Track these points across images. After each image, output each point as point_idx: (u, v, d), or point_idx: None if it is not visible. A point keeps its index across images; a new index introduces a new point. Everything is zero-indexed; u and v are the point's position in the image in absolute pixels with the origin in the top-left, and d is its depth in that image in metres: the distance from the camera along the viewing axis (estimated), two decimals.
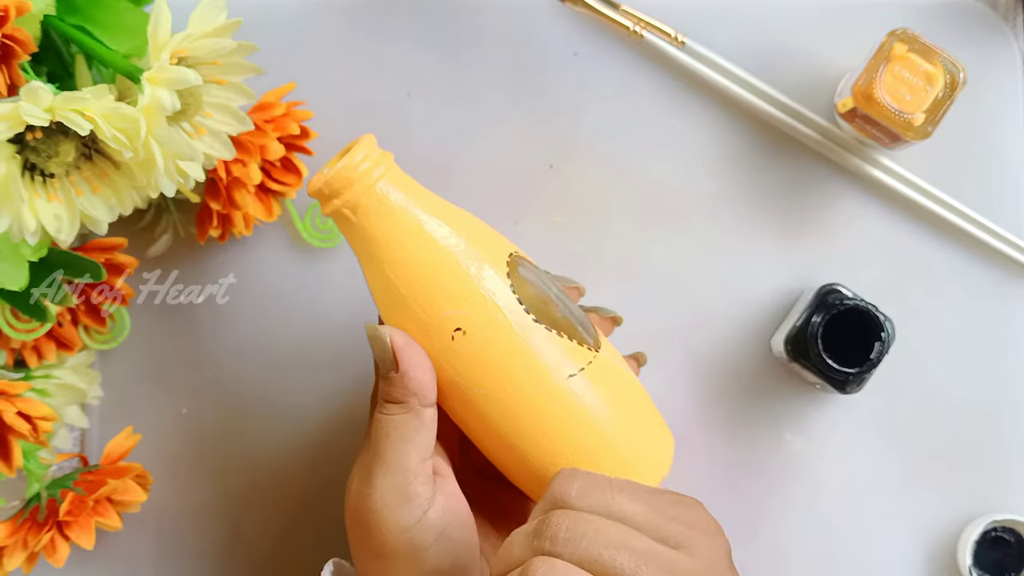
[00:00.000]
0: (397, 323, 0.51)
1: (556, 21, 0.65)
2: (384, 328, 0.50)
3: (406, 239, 0.50)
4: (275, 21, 0.65)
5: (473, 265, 0.50)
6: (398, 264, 0.50)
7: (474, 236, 0.51)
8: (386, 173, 0.50)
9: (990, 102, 0.65)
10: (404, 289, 0.50)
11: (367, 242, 0.50)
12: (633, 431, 0.53)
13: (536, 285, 0.52)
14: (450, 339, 0.50)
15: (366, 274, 0.52)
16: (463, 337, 0.50)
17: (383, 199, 0.50)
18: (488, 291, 0.50)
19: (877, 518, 0.65)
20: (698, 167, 0.65)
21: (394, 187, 0.50)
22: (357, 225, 0.50)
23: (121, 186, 0.51)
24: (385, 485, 0.49)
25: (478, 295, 0.50)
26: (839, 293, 0.61)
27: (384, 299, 0.51)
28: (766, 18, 0.65)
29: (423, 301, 0.50)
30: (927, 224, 0.65)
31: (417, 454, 0.50)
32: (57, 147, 0.49)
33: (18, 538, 0.57)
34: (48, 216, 0.50)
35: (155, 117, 0.49)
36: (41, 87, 0.47)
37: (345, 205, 0.50)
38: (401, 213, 0.50)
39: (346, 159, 0.50)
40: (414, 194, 0.51)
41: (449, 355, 0.50)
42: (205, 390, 0.65)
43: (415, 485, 0.49)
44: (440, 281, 0.50)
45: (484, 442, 0.53)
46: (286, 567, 0.65)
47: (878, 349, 0.60)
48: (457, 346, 0.50)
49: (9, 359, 0.60)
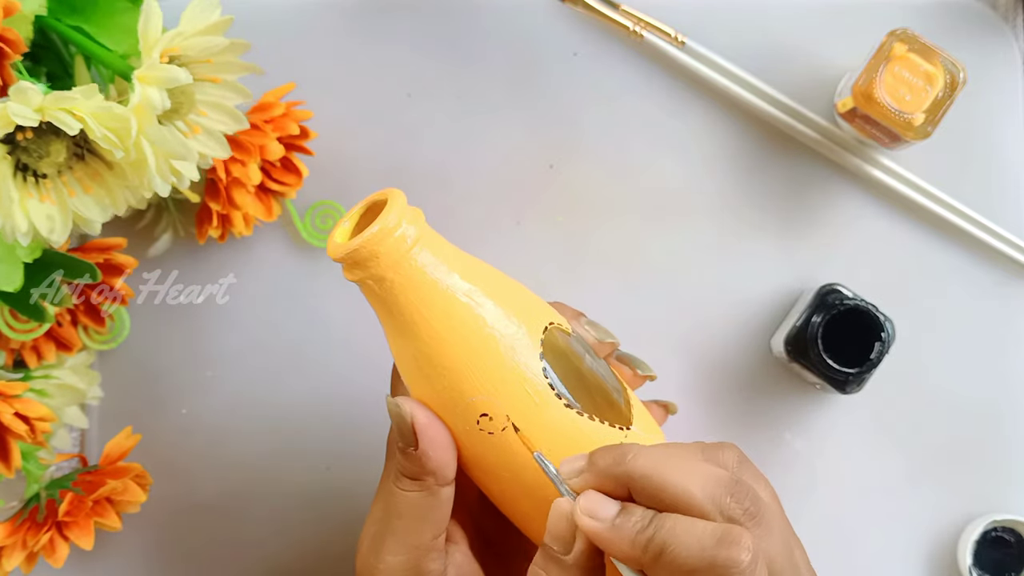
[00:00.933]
0: (421, 397, 0.48)
1: (556, 21, 0.65)
2: (405, 403, 0.48)
3: (434, 319, 0.46)
4: (275, 21, 0.65)
5: (505, 347, 0.47)
6: (424, 343, 0.47)
7: (510, 307, 0.48)
8: (417, 241, 0.46)
9: (990, 102, 0.65)
10: (429, 368, 0.47)
11: (393, 316, 0.47)
12: None
13: (571, 361, 0.49)
14: (475, 423, 0.47)
15: (389, 342, 0.48)
16: (489, 423, 0.46)
17: (412, 275, 0.46)
18: (520, 376, 0.46)
19: (877, 518, 0.65)
20: (698, 167, 0.65)
21: (426, 258, 0.47)
22: (383, 298, 0.47)
23: (114, 186, 0.51)
24: (396, 563, 0.48)
25: (509, 380, 0.46)
26: (839, 293, 0.61)
27: (408, 372, 0.48)
28: (766, 18, 0.65)
29: (449, 383, 0.46)
30: (927, 224, 0.65)
31: (431, 531, 0.49)
32: (48, 147, 0.49)
33: (17, 538, 0.57)
34: (40, 217, 0.50)
35: (146, 116, 0.48)
36: (30, 87, 0.47)
37: (370, 278, 0.46)
38: (430, 289, 0.46)
39: (376, 226, 0.46)
40: (445, 264, 0.47)
41: (474, 438, 0.47)
42: (205, 390, 0.65)
43: (426, 562, 0.48)
44: (468, 365, 0.46)
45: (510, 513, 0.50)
46: (286, 567, 0.65)
47: (878, 349, 0.60)
48: (483, 431, 0.47)
49: (9, 359, 0.60)
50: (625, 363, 0.55)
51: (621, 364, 0.55)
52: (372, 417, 0.64)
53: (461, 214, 0.65)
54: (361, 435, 0.65)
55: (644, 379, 0.55)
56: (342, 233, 0.48)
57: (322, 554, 0.65)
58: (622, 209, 0.65)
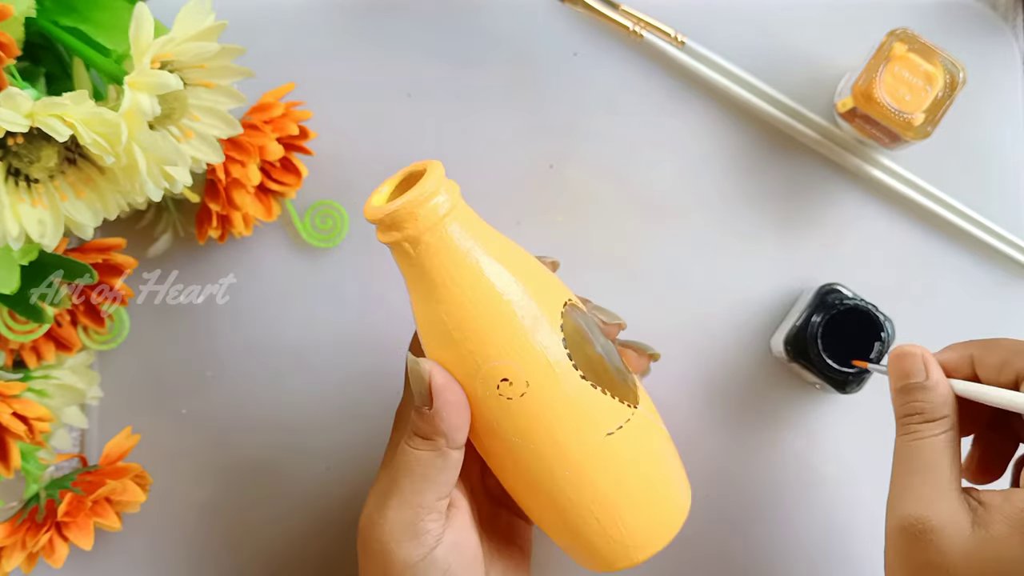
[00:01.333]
0: (441, 361, 0.49)
1: (556, 21, 0.65)
2: (425, 362, 0.49)
3: (465, 283, 0.48)
4: (274, 21, 0.65)
5: (529, 316, 0.48)
6: (453, 306, 0.48)
7: (533, 283, 0.50)
8: (452, 210, 0.48)
9: (990, 102, 0.65)
10: (455, 332, 0.48)
11: (423, 279, 0.49)
12: (658, 487, 0.53)
13: (586, 338, 0.51)
14: (495, 387, 0.48)
15: (415, 306, 0.50)
16: (509, 388, 0.48)
17: (446, 239, 0.48)
18: (540, 344, 0.48)
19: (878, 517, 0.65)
20: (698, 167, 0.65)
21: (459, 227, 0.48)
22: (416, 260, 0.48)
23: (106, 191, 0.51)
24: (397, 518, 0.49)
25: (530, 348, 0.48)
26: (839, 293, 0.61)
27: (432, 336, 0.49)
28: (766, 18, 0.65)
29: (473, 347, 0.48)
30: (927, 224, 0.65)
31: (435, 492, 0.50)
32: (39, 152, 0.49)
33: (17, 538, 0.57)
34: (32, 221, 0.50)
35: (136, 122, 0.48)
36: (19, 93, 0.46)
37: (406, 239, 0.48)
38: (463, 256, 0.48)
39: (415, 191, 0.48)
40: (478, 235, 0.49)
41: (492, 403, 0.49)
42: (205, 390, 0.65)
43: (426, 522, 0.49)
44: (494, 330, 0.48)
45: (512, 485, 0.52)
46: (286, 567, 0.65)
47: (878, 349, 0.60)
48: (501, 396, 0.49)
49: (8, 360, 0.60)
50: (628, 347, 0.57)
51: (624, 349, 0.56)
52: (372, 417, 0.64)
53: None
54: (361, 434, 0.65)
55: (648, 358, 0.57)
56: (379, 198, 0.50)
57: (322, 554, 0.65)
58: (622, 209, 0.65)
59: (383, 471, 0.52)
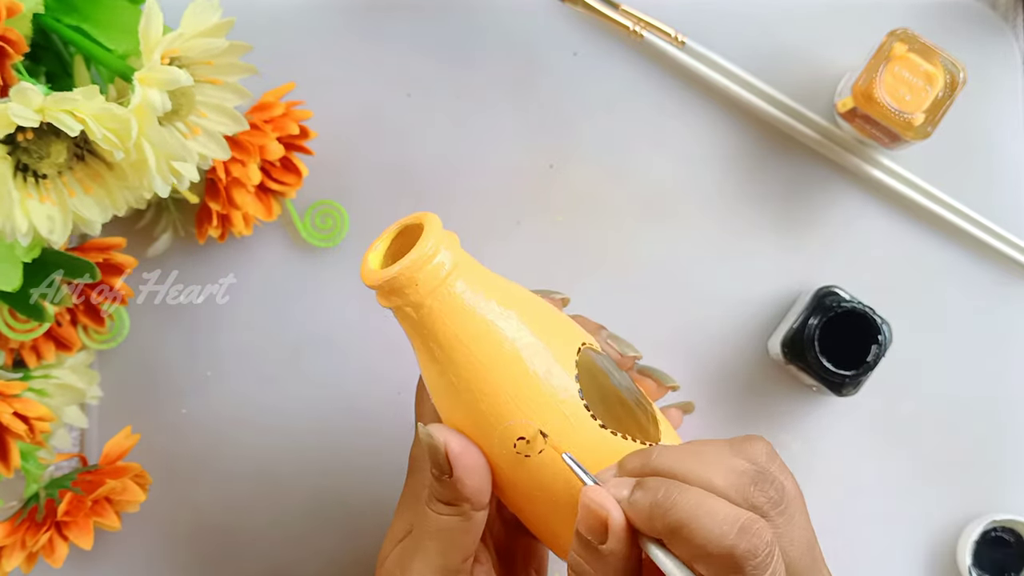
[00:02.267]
0: (456, 423, 0.48)
1: (556, 21, 0.65)
2: (438, 431, 0.47)
3: (472, 343, 0.46)
4: (275, 21, 0.65)
5: (542, 368, 0.46)
6: (461, 367, 0.46)
7: (544, 332, 0.47)
8: (455, 267, 0.46)
9: (990, 102, 0.65)
10: (466, 393, 0.46)
11: (429, 342, 0.47)
12: None
13: (600, 380, 0.49)
14: (512, 447, 0.47)
15: (423, 369, 0.48)
16: (527, 446, 0.46)
17: (450, 300, 0.46)
18: (556, 400, 0.46)
19: (876, 519, 0.65)
20: (698, 167, 0.65)
21: (464, 284, 0.46)
22: (419, 324, 0.46)
23: (114, 187, 0.51)
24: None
25: (546, 404, 0.46)
26: (836, 295, 0.61)
27: (443, 397, 0.48)
28: (766, 18, 0.65)
29: (486, 407, 0.46)
30: (927, 224, 0.65)
31: (461, 554, 0.48)
32: (49, 148, 0.49)
33: (17, 538, 0.57)
34: (40, 217, 0.50)
35: (146, 117, 0.48)
36: (31, 88, 0.47)
37: (408, 304, 0.46)
38: (469, 315, 0.46)
39: (414, 254, 0.46)
40: (483, 289, 0.47)
41: (510, 459, 0.47)
42: (205, 390, 0.65)
43: None
44: (506, 387, 0.46)
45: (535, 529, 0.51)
46: (285, 567, 0.65)
47: (875, 352, 0.60)
48: (519, 453, 0.47)
49: (8, 359, 0.60)
50: (647, 375, 0.55)
51: (643, 377, 0.55)
52: (372, 417, 0.64)
53: (461, 214, 0.65)
54: (360, 434, 0.65)
55: (667, 390, 0.55)
56: (375, 258, 0.48)
57: (321, 553, 0.65)
58: (622, 209, 0.65)
59: (401, 518, 0.51)
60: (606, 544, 0.43)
